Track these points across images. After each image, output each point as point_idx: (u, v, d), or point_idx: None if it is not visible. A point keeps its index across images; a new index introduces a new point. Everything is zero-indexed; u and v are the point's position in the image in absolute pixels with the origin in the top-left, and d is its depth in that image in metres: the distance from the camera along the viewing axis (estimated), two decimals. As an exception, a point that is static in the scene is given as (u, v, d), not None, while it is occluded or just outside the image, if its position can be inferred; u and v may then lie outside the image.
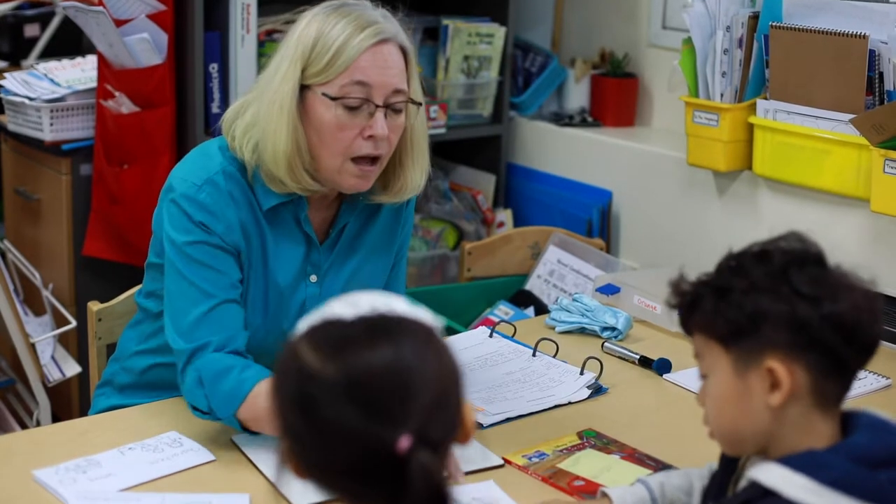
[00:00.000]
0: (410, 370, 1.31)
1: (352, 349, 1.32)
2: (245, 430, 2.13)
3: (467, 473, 2.04)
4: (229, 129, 2.25)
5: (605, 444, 2.21)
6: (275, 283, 2.29)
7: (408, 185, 2.32)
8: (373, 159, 2.20)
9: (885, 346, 2.76)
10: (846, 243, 3.03)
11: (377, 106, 2.17)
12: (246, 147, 2.21)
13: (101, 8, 3.30)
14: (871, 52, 2.86)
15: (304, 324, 1.38)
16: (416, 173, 2.32)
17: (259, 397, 2.07)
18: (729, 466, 1.68)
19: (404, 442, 1.26)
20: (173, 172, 2.26)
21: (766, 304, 1.51)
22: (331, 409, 1.29)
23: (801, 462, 1.48)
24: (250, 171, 2.22)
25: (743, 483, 1.58)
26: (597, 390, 2.45)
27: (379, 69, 2.17)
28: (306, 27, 2.19)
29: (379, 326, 1.34)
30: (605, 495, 1.87)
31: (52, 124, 3.55)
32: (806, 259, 1.54)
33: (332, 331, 1.35)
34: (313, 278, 2.32)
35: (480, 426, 2.24)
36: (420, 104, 2.27)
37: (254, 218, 2.24)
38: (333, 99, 2.16)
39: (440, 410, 1.32)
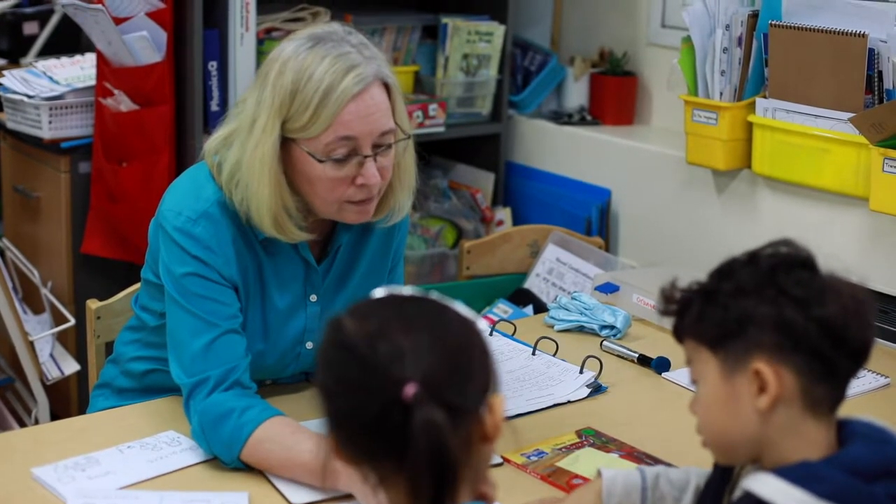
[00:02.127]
0: (435, 335, 1.38)
1: (385, 312, 1.42)
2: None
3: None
4: (213, 160, 2.20)
5: (603, 442, 2.21)
6: (274, 309, 2.27)
7: (396, 207, 2.27)
8: (369, 198, 2.17)
9: (883, 345, 2.77)
10: (845, 242, 3.03)
11: (366, 156, 2.11)
12: (235, 192, 2.15)
13: (100, 6, 3.30)
14: (871, 50, 2.86)
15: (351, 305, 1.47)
16: (405, 195, 2.28)
17: (262, 443, 2.05)
18: (725, 474, 1.68)
19: (410, 389, 1.31)
20: (166, 201, 2.21)
21: (752, 306, 1.50)
22: (353, 358, 1.37)
23: (797, 474, 1.47)
24: (242, 215, 2.16)
25: (738, 493, 1.57)
26: (596, 389, 2.45)
27: (363, 119, 2.08)
28: (281, 74, 2.09)
29: (419, 303, 1.44)
30: (600, 475, 1.90)
31: (50, 122, 3.55)
32: (794, 262, 1.53)
33: (375, 301, 1.46)
34: (313, 298, 2.30)
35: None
36: (409, 136, 2.21)
37: (250, 247, 2.21)
38: (321, 161, 2.09)
39: (457, 375, 1.37)
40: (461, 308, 1.46)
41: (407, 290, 1.47)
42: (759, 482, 1.49)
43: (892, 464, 1.50)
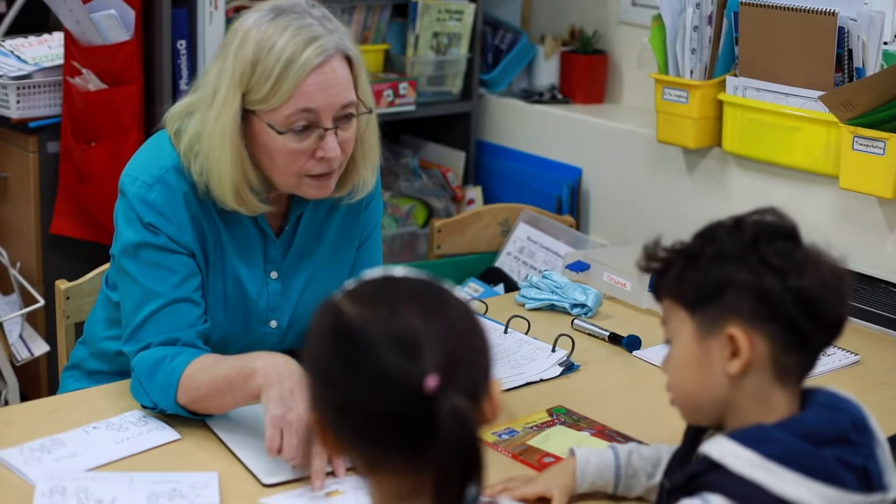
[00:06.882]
0: (444, 321, 1.34)
1: (389, 297, 1.36)
2: (194, 414, 2.11)
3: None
4: (174, 128, 2.20)
5: (575, 420, 2.22)
6: (234, 278, 2.25)
7: (360, 183, 2.26)
8: (329, 173, 2.16)
9: (853, 322, 2.78)
10: (815, 220, 3.04)
11: (326, 129, 2.10)
12: (194, 163, 2.15)
13: (67, -16, 3.28)
14: (841, 28, 2.87)
15: (344, 287, 1.41)
16: (368, 171, 2.27)
17: (191, 378, 2.07)
18: (693, 442, 1.69)
19: (431, 381, 1.27)
20: (126, 169, 2.22)
21: (732, 271, 1.53)
22: (364, 348, 1.31)
23: (748, 436, 1.51)
24: (201, 185, 2.16)
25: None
26: (569, 367, 2.45)
27: (323, 91, 2.08)
28: (242, 45, 2.08)
29: (421, 286, 1.40)
30: (573, 454, 1.92)
31: (18, 102, 3.52)
32: (777, 232, 1.56)
33: (373, 284, 1.40)
34: (274, 275, 2.29)
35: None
36: (371, 110, 2.19)
37: (208, 214, 2.20)
38: (280, 132, 2.09)
39: (468, 362, 1.34)
40: (455, 290, 1.43)
41: (399, 271, 1.43)
42: (713, 445, 1.53)
43: (845, 430, 1.53)
